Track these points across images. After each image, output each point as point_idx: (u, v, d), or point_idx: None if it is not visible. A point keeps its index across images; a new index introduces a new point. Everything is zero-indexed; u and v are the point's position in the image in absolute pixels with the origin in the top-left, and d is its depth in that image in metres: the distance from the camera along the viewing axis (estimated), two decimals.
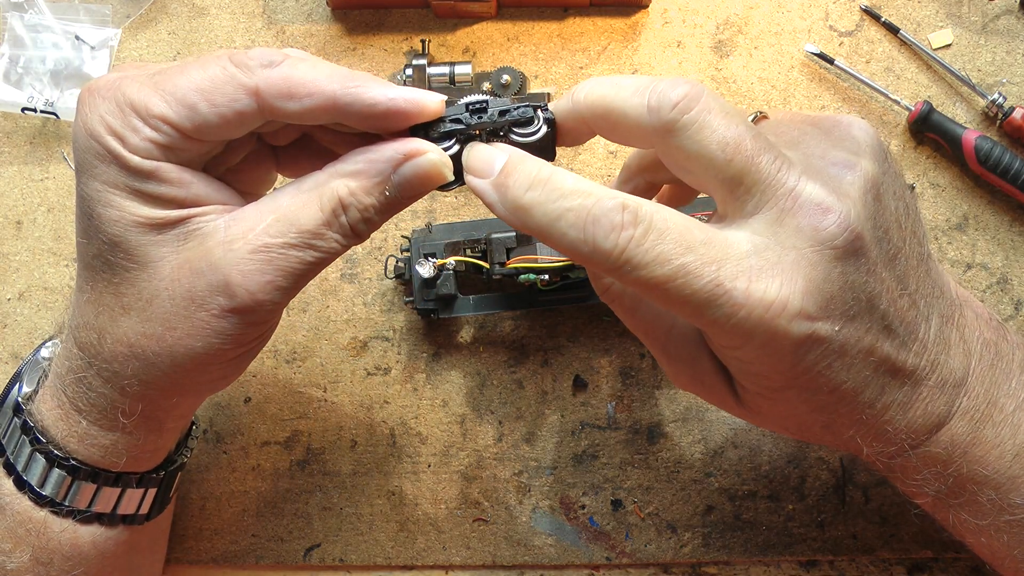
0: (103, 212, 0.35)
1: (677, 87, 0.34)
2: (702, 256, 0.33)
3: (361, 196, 0.35)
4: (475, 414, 0.52)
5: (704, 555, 0.51)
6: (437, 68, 0.52)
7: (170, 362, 0.37)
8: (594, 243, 0.33)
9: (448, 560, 0.51)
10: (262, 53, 0.35)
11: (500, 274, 0.47)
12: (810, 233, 0.33)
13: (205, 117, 0.34)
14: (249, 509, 0.52)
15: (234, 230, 0.35)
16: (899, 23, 0.53)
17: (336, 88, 0.34)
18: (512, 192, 0.34)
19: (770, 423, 0.40)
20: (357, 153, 0.36)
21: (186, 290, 0.35)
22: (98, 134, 0.35)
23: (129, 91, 0.35)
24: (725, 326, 0.33)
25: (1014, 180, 0.50)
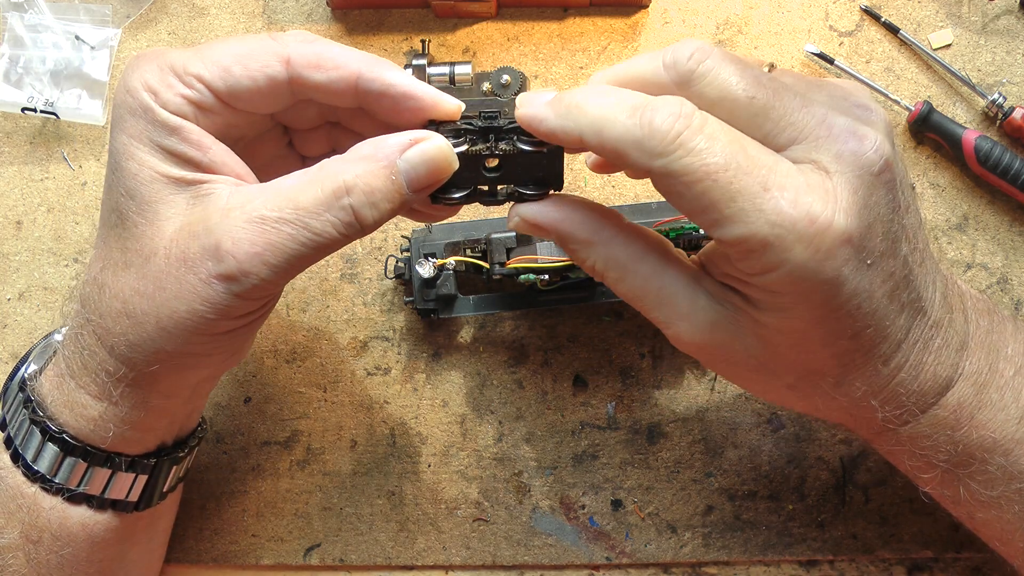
0: (125, 164, 0.37)
1: (688, 43, 0.35)
2: (753, 159, 0.33)
3: (367, 178, 0.35)
4: (475, 414, 0.52)
5: (704, 555, 0.51)
6: (437, 68, 0.52)
7: (155, 323, 0.37)
8: (650, 126, 0.33)
9: (448, 560, 0.51)
10: (298, 32, 0.38)
11: (500, 274, 0.47)
12: (850, 158, 0.33)
13: (238, 79, 0.37)
14: (249, 509, 0.52)
15: (234, 199, 0.36)
16: (899, 23, 0.53)
17: (362, 66, 0.37)
18: (567, 97, 0.35)
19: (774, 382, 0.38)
20: (366, 142, 0.36)
21: (181, 251, 0.36)
22: (134, 89, 0.36)
23: (171, 55, 0.37)
24: (766, 238, 0.32)
25: (1014, 180, 0.50)
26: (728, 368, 0.39)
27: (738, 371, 0.39)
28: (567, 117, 0.35)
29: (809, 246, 0.32)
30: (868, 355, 0.36)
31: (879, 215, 0.34)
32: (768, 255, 0.33)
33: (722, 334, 0.37)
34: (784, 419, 0.51)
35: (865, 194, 0.33)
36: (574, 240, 0.38)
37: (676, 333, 0.38)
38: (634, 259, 0.38)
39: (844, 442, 0.51)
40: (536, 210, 0.38)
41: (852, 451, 0.51)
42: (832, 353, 0.36)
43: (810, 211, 0.32)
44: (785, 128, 0.34)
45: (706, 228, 0.34)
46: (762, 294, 0.35)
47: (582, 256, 0.38)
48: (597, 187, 0.53)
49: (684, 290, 0.38)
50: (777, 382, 0.38)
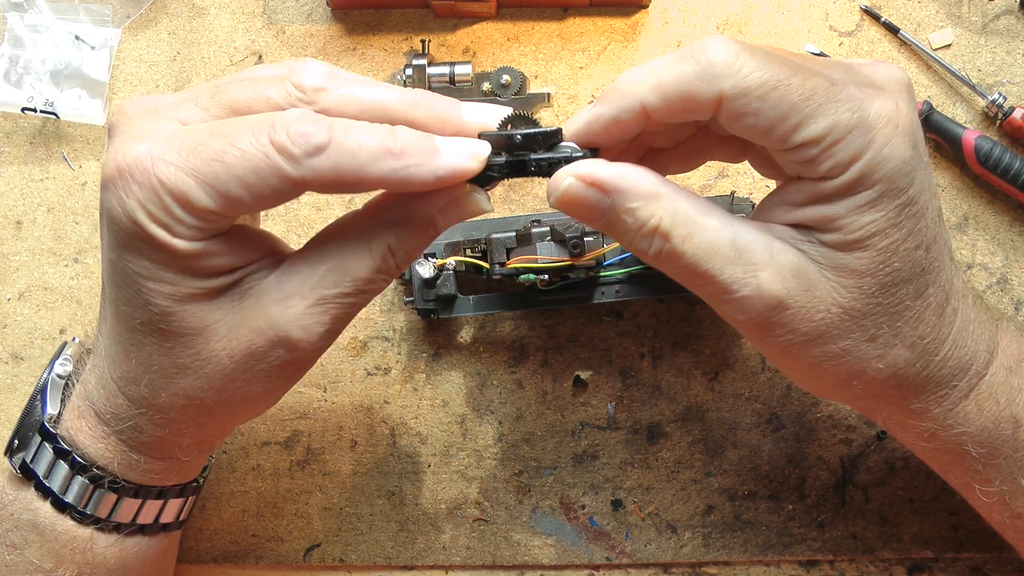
0: (154, 288, 0.35)
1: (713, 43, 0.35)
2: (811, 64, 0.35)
3: (409, 241, 0.36)
4: (475, 414, 0.52)
5: (704, 555, 0.51)
6: (437, 68, 0.52)
7: (228, 407, 0.38)
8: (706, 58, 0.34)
9: (448, 560, 0.51)
10: (303, 132, 0.33)
11: (500, 274, 0.47)
12: (885, 74, 0.36)
13: (249, 205, 0.34)
14: (249, 509, 0.52)
15: (288, 287, 0.36)
16: (899, 23, 0.53)
17: (386, 172, 0.34)
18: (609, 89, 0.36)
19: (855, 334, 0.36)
20: (400, 199, 0.36)
21: (246, 348, 0.36)
22: (142, 223, 0.34)
23: (164, 176, 0.33)
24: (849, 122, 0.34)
25: (1014, 180, 0.50)
26: (804, 326, 0.36)
27: (816, 328, 0.36)
28: (622, 98, 0.35)
29: (888, 125, 0.34)
30: (936, 283, 0.37)
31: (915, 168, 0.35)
32: (854, 140, 0.34)
33: (805, 278, 0.35)
34: (784, 419, 0.51)
35: (907, 97, 0.36)
36: (638, 195, 0.35)
37: (756, 287, 0.35)
38: (702, 212, 0.36)
39: (844, 442, 0.51)
40: (591, 167, 0.36)
41: (852, 451, 0.51)
42: (912, 269, 0.36)
43: (882, 99, 0.34)
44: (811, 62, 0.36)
45: (787, 137, 0.34)
46: (843, 204, 0.35)
47: (645, 214, 0.35)
48: None
49: (759, 236, 0.36)
50: (859, 335, 0.36)
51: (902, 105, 0.35)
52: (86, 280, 0.54)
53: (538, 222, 0.48)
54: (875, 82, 0.36)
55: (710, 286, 0.36)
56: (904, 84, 0.36)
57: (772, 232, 0.36)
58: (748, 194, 0.51)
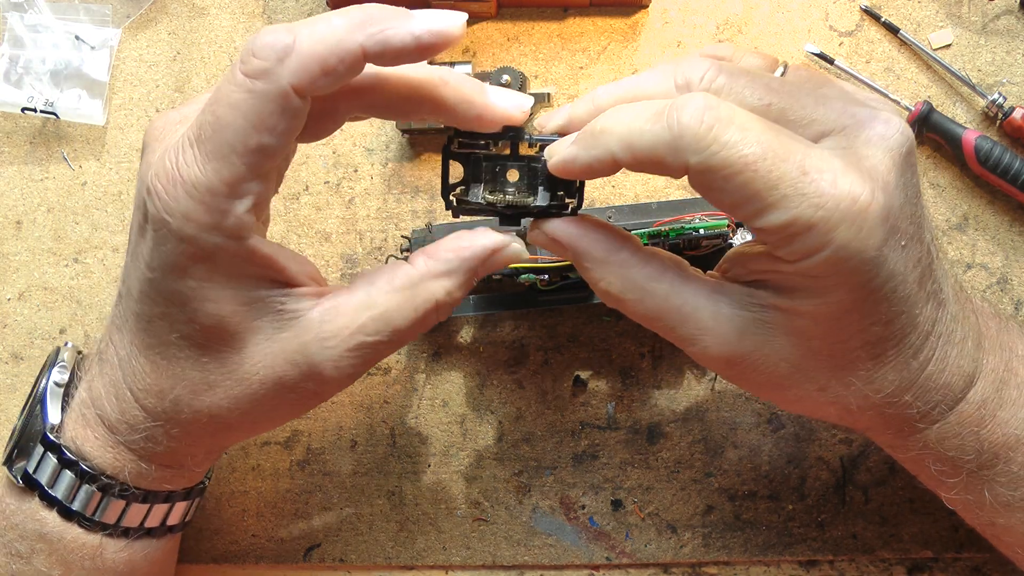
0: (200, 306, 0.36)
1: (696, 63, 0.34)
2: (788, 145, 0.33)
3: (456, 293, 0.38)
4: (475, 414, 0.52)
5: (704, 555, 0.51)
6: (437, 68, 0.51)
7: (249, 426, 0.40)
8: (679, 125, 0.32)
9: (448, 560, 0.51)
10: (264, 44, 0.32)
11: (500, 274, 0.47)
12: (878, 141, 0.34)
13: (270, 147, 0.34)
14: (249, 509, 0.52)
15: (329, 327, 0.37)
16: (899, 23, 0.53)
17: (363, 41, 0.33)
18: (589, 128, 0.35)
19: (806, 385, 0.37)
20: (446, 249, 0.38)
21: (278, 376, 0.37)
22: (190, 236, 0.34)
23: (190, 174, 0.33)
24: (810, 220, 0.32)
25: (1014, 180, 0.50)
26: (758, 378, 0.38)
27: (768, 380, 0.38)
28: (595, 146, 0.35)
29: (852, 225, 0.32)
30: (899, 345, 0.36)
31: (908, 197, 0.34)
32: (813, 237, 0.33)
33: (751, 340, 0.37)
34: (784, 419, 0.51)
35: (897, 175, 0.34)
36: (591, 258, 0.38)
37: (703, 348, 0.37)
38: (652, 279, 0.37)
39: (844, 442, 0.51)
40: (557, 226, 0.38)
41: (852, 451, 0.51)
42: (866, 341, 0.36)
43: (851, 190, 0.32)
44: (809, 125, 0.35)
45: (748, 219, 0.34)
46: (801, 281, 0.35)
47: (597, 276, 0.38)
48: (597, 186, 0.53)
49: (706, 302, 0.37)
50: (809, 385, 0.37)
51: (879, 195, 0.33)
52: (86, 280, 0.54)
53: None
54: (862, 158, 0.34)
55: (666, 336, 0.38)
56: (897, 154, 0.34)
57: (725, 293, 0.37)
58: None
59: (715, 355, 0.37)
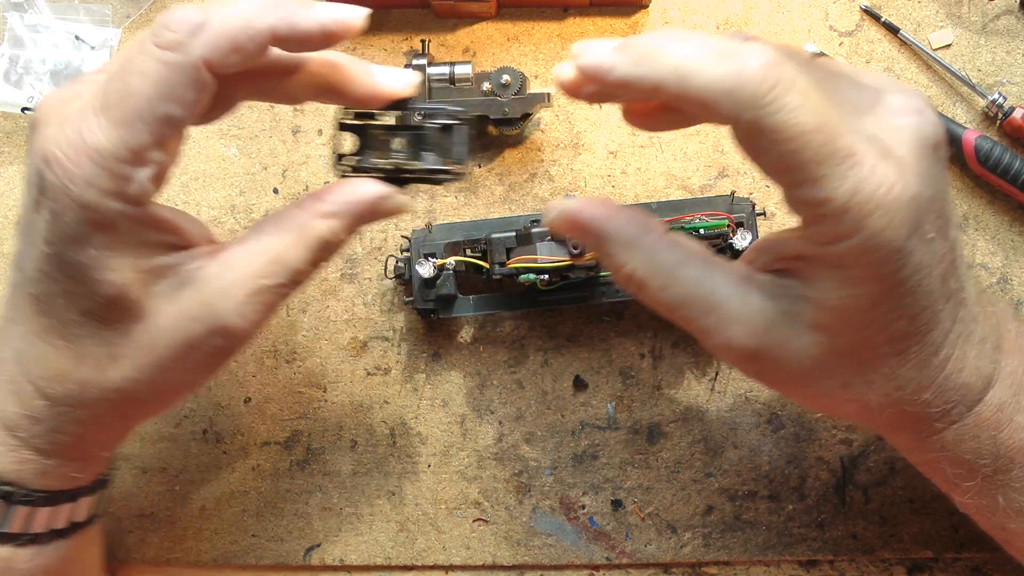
0: (101, 276, 0.35)
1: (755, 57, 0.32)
2: (840, 123, 0.32)
3: (342, 234, 0.38)
4: (475, 414, 0.52)
5: (704, 555, 0.51)
6: (437, 68, 0.52)
7: (157, 397, 0.39)
8: (743, 74, 0.31)
9: (448, 560, 0.51)
10: (178, 19, 0.33)
11: (500, 274, 0.47)
12: (911, 131, 0.34)
13: (178, 117, 0.34)
14: (249, 509, 0.52)
15: (228, 276, 0.36)
16: (899, 23, 0.53)
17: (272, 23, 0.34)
18: (640, 43, 0.33)
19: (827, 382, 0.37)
20: (335, 192, 0.38)
21: (185, 336, 0.36)
22: (94, 202, 0.33)
23: (95, 140, 0.33)
24: (847, 204, 0.32)
25: (1014, 180, 0.50)
26: (779, 374, 0.37)
27: (790, 376, 0.37)
28: (642, 65, 0.32)
29: (886, 214, 0.32)
30: (922, 342, 0.36)
31: (937, 191, 0.34)
32: (846, 221, 0.32)
33: (778, 333, 0.36)
34: (784, 419, 0.51)
35: (927, 167, 0.33)
36: (617, 241, 0.36)
37: (728, 339, 0.36)
38: (679, 263, 0.36)
39: (844, 442, 0.51)
40: (579, 205, 0.37)
41: (852, 451, 0.51)
42: (890, 337, 0.35)
43: (889, 178, 0.32)
44: (846, 106, 0.34)
45: (785, 185, 0.33)
46: (829, 271, 0.34)
47: (622, 260, 0.36)
48: (597, 187, 0.53)
49: (735, 291, 0.36)
50: (831, 382, 0.37)
51: (912, 184, 0.32)
52: None
53: (538, 222, 0.48)
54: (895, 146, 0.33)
55: (687, 328, 0.37)
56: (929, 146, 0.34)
57: (753, 283, 0.36)
58: (748, 194, 0.51)
59: (739, 347, 0.36)
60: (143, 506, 0.52)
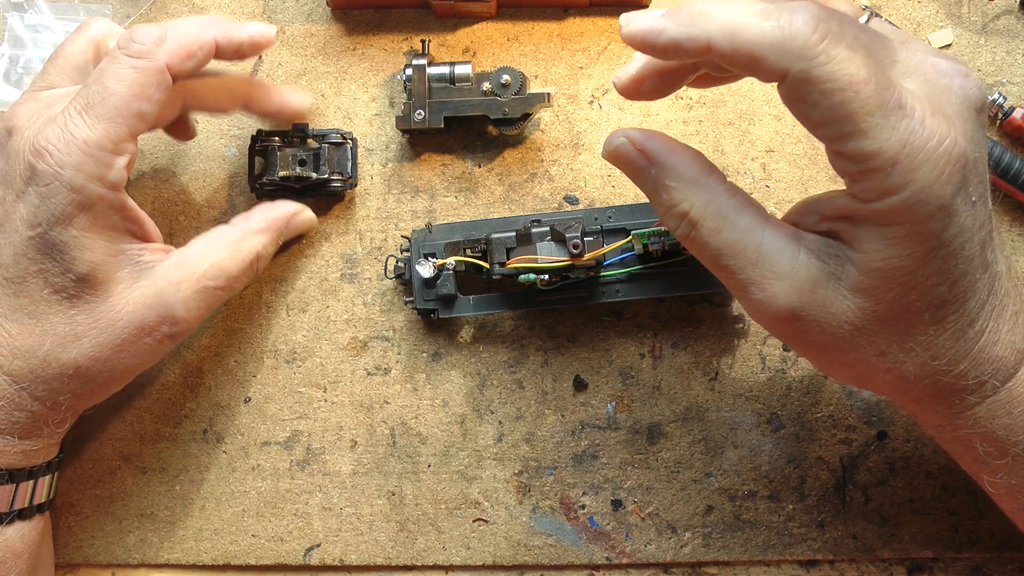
0: (79, 255, 0.41)
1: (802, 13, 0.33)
2: (889, 75, 0.33)
3: (269, 248, 0.49)
4: (475, 414, 0.52)
5: (704, 555, 0.51)
6: (437, 68, 0.52)
7: (108, 376, 0.44)
8: (791, 27, 0.32)
9: (448, 560, 0.51)
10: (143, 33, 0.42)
11: (500, 274, 0.47)
12: (959, 91, 0.34)
13: (148, 113, 0.42)
14: (249, 509, 0.52)
15: (179, 273, 0.44)
16: (899, 23, 0.53)
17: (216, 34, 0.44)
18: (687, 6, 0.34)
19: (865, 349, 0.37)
20: (259, 213, 0.49)
21: (139, 320, 0.43)
22: (80, 185, 0.40)
23: (82, 133, 0.40)
24: (896, 155, 0.32)
25: (1014, 180, 0.50)
26: (817, 337, 0.37)
27: (828, 340, 0.37)
28: (692, 25, 0.34)
29: (935, 168, 0.32)
30: (959, 311, 0.36)
31: (981, 153, 0.35)
32: (895, 175, 0.33)
33: (822, 294, 0.36)
34: (784, 419, 0.51)
35: (973, 127, 0.34)
36: (679, 177, 0.37)
37: (772, 295, 0.36)
38: (736, 210, 0.37)
39: (844, 442, 0.51)
40: (645, 135, 0.38)
41: (852, 451, 0.51)
42: (931, 303, 0.35)
43: (939, 132, 0.32)
44: (893, 65, 0.34)
45: (833, 141, 0.33)
46: (873, 230, 0.34)
47: (680, 196, 0.37)
48: (597, 187, 0.53)
49: (785, 246, 0.36)
50: (869, 349, 0.37)
51: (961, 141, 0.33)
52: None
53: (538, 222, 0.48)
54: (943, 105, 0.34)
55: (729, 280, 0.37)
56: (974, 108, 0.35)
57: (802, 241, 0.37)
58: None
59: (781, 305, 0.36)
60: (143, 506, 0.52)
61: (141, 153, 0.54)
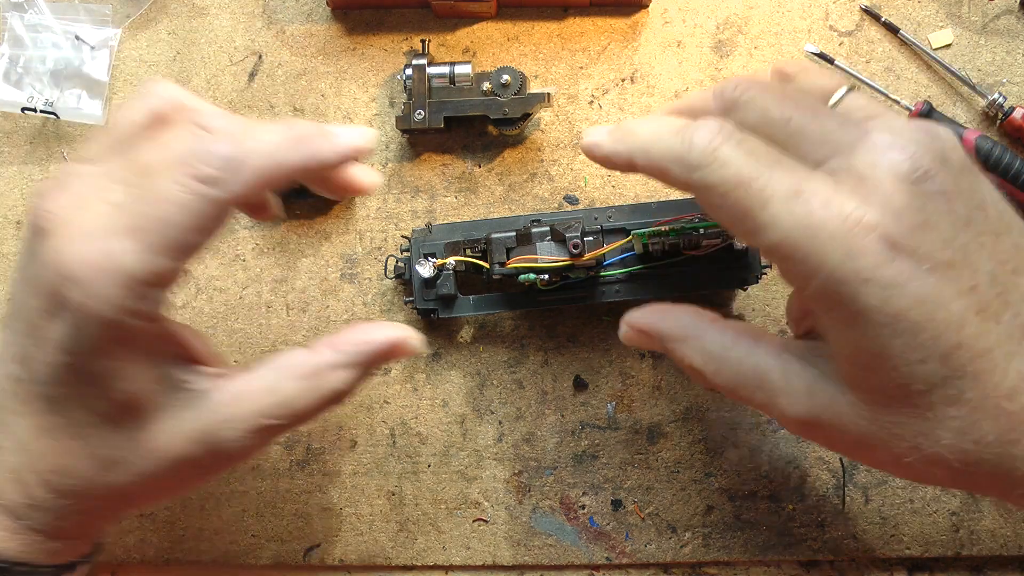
0: (116, 384, 0.36)
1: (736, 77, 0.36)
2: (786, 168, 0.34)
3: (357, 384, 0.40)
4: (475, 414, 0.52)
5: (704, 555, 0.51)
6: (437, 68, 0.52)
7: (153, 499, 0.42)
8: (690, 142, 0.35)
9: (448, 560, 0.51)
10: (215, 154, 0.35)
11: (500, 274, 0.47)
12: (885, 165, 0.33)
13: (198, 244, 0.35)
14: (249, 509, 0.52)
15: (233, 410, 0.38)
16: (899, 23, 0.53)
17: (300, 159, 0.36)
18: (624, 125, 0.39)
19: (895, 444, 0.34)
20: (348, 342, 0.39)
21: (183, 453, 0.38)
22: (117, 321, 0.34)
23: (124, 262, 0.34)
24: (798, 240, 0.32)
25: (1014, 180, 0.50)
26: (840, 437, 0.36)
27: (852, 439, 0.36)
28: (620, 142, 0.38)
29: (842, 245, 0.32)
30: (977, 384, 0.33)
31: (930, 221, 0.32)
32: (804, 261, 0.32)
33: (821, 397, 0.36)
34: None
35: (905, 199, 0.32)
36: (671, 338, 0.40)
37: (781, 411, 0.37)
38: (726, 348, 0.38)
39: None
40: (639, 317, 0.41)
41: None
42: (926, 382, 0.33)
43: (841, 210, 0.32)
44: (823, 144, 0.34)
45: (746, 236, 0.34)
46: (825, 318, 0.34)
47: (680, 354, 0.40)
48: (597, 187, 0.53)
49: (774, 362, 0.37)
50: (897, 443, 0.35)
51: (871, 214, 0.32)
52: None
53: (538, 222, 0.48)
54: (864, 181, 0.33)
55: (752, 406, 0.40)
56: (904, 180, 0.32)
57: (790, 351, 0.37)
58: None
59: (793, 417, 0.37)
60: None
61: None
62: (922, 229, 0.32)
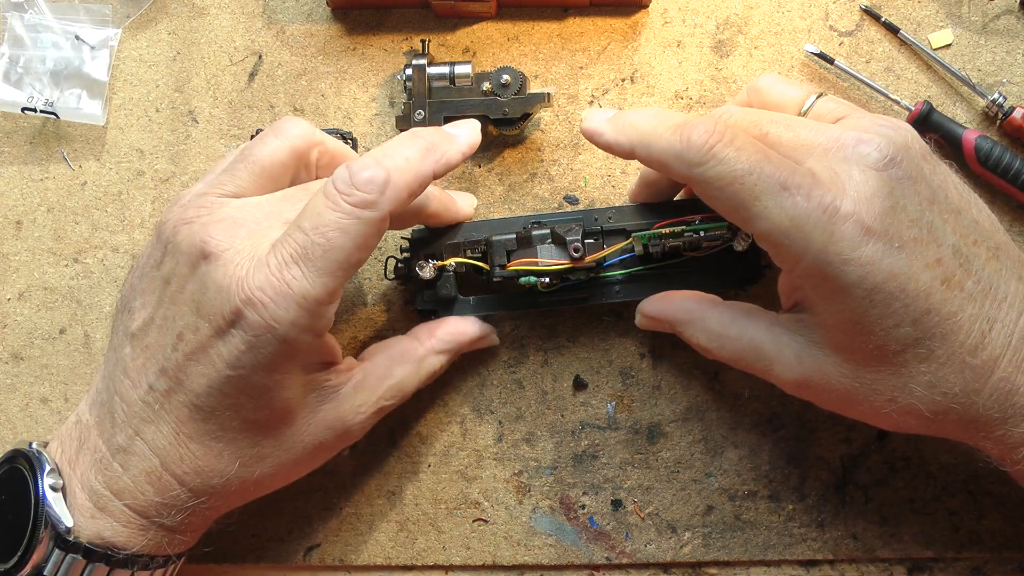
0: (279, 394, 0.41)
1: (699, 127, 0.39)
2: (775, 164, 0.38)
3: (446, 366, 0.49)
4: (475, 414, 0.52)
5: (704, 555, 0.51)
6: (437, 68, 0.52)
7: (280, 484, 0.45)
8: (688, 140, 0.39)
9: (448, 560, 0.51)
10: (366, 179, 0.39)
11: (501, 277, 0.47)
12: (854, 158, 0.38)
13: (360, 263, 0.40)
14: (249, 509, 0.52)
15: (360, 398, 0.45)
16: (899, 23, 0.53)
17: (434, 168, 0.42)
18: (623, 116, 0.43)
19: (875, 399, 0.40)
20: (446, 332, 0.48)
21: (319, 440, 0.44)
22: (293, 339, 0.39)
23: (300, 287, 0.38)
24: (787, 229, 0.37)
25: (1014, 180, 0.50)
26: (829, 396, 0.41)
27: (838, 396, 0.41)
28: (622, 132, 0.43)
29: (824, 231, 0.37)
30: (945, 343, 0.38)
31: (898, 204, 0.37)
32: (792, 246, 0.38)
33: (809, 361, 0.41)
34: (784, 419, 0.51)
35: (875, 186, 0.37)
36: (680, 321, 0.46)
37: (777, 376, 0.42)
38: (725, 326, 0.44)
39: (844, 442, 0.51)
40: (646, 306, 0.48)
41: (852, 451, 0.51)
42: (902, 344, 0.38)
43: (821, 201, 0.37)
44: (798, 149, 0.39)
45: (743, 224, 0.40)
46: (810, 292, 0.39)
47: (688, 335, 0.46)
48: (597, 187, 0.53)
49: (767, 334, 0.42)
50: (876, 397, 0.40)
51: (845, 203, 0.37)
52: (86, 280, 0.54)
53: (538, 224, 0.48)
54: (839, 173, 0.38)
55: (754, 374, 0.44)
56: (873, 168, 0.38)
57: (780, 323, 0.42)
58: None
59: (787, 381, 0.42)
60: None
61: (141, 153, 0.54)
62: (891, 212, 0.37)
